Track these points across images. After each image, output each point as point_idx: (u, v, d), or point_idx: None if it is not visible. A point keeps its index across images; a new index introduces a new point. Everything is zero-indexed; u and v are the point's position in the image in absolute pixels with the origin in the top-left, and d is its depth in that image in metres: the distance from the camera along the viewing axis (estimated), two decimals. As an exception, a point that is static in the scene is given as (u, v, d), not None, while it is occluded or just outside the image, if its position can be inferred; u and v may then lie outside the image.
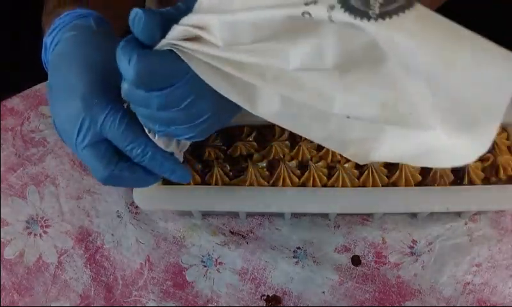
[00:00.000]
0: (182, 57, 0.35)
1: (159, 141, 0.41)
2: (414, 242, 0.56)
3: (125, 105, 0.41)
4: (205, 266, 0.56)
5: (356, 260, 0.55)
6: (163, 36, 0.35)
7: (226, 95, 0.36)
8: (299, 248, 0.56)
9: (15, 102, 0.63)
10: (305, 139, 0.54)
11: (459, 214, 0.56)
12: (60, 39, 0.43)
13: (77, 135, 0.41)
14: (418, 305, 0.54)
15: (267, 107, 0.37)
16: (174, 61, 0.35)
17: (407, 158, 0.36)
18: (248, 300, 0.54)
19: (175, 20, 0.34)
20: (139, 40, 0.35)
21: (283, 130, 0.54)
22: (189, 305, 0.54)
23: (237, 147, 0.54)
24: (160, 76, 0.35)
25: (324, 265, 0.55)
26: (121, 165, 0.42)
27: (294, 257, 0.56)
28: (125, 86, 0.37)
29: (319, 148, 0.54)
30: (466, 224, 0.57)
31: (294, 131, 0.38)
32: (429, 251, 0.56)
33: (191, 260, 0.56)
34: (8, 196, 0.58)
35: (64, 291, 0.55)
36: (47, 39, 0.45)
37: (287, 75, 0.34)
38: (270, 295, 0.54)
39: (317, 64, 0.32)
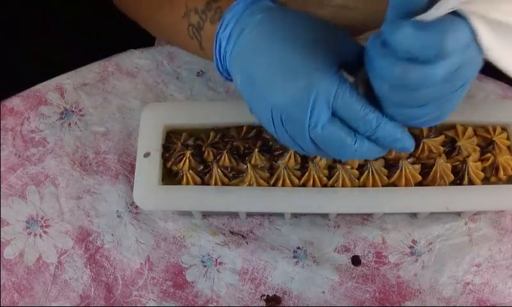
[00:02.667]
0: (468, 19, 0.32)
1: None
2: (414, 242, 0.56)
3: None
4: (205, 266, 0.56)
5: (356, 260, 0.55)
6: None
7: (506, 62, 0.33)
8: (299, 248, 0.56)
9: (15, 102, 0.63)
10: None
11: (459, 214, 0.56)
12: (245, 27, 0.41)
13: (310, 116, 0.38)
14: (418, 305, 0.54)
15: None
16: (461, 23, 0.32)
17: None
18: (248, 300, 0.54)
19: None
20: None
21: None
22: (189, 305, 0.54)
23: (236, 146, 0.54)
24: (455, 44, 0.32)
25: (324, 265, 0.55)
26: (361, 137, 0.39)
27: (294, 257, 0.56)
28: (397, 69, 0.34)
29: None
30: (466, 224, 0.57)
31: None
32: (429, 251, 0.56)
33: (191, 260, 0.56)
34: (8, 196, 0.58)
35: (64, 291, 0.55)
36: (222, 35, 0.43)
37: None
38: (270, 295, 0.54)
39: None
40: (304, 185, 0.52)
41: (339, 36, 0.40)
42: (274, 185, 0.52)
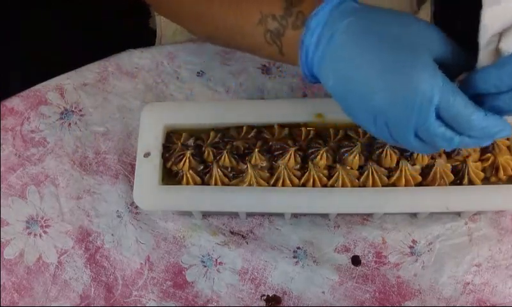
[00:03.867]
0: None
1: None
2: (414, 242, 0.56)
3: None
4: (205, 266, 0.56)
5: (356, 260, 0.55)
6: None
7: None
8: (299, 248, 0.56)
9: (15, 102, 0.63)
10: (305, 138, 0.54)
11: (459, 214, 0.56)
12: (335, 32, 0.41)
13: (417, 118, 0.38)
14: (418, 305, 0.54)
15: None
16: None
17: None
18: (248, 300, 0.54)
19: None
20: None
21: (282, 128, 0.55)
22: (189, 305, 0.54)
23: (236, 146, 0.54)
24: None
25: (324, 265, 0.55)
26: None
27: (294, 257, 0.56)
28: None
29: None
30: (466, 224, 0.57)
31: None
32: (429, 251, 0.56)
33: (191, 260, 0.56)
34: (8, 196, 0.58)
35: (64, 291, 0.55)
36: (308, 42, 0.42)
37: None
38: (270, 295, 0.54)
39: None
40: (304, 185, 0.52)
41: (434, 34, 0.40)
42: (274, 185, 0.52)
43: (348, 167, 0.52)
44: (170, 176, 0.54)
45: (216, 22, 0.50)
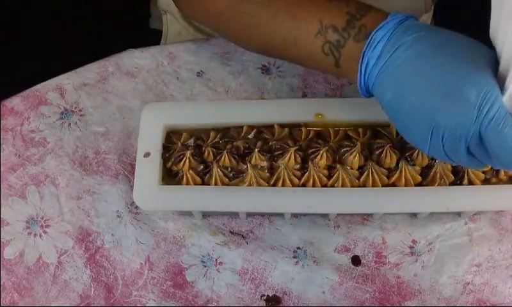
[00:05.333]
0: None
1: None
2: (414, 242, 0.56)
3: None
4: (205, 266, 0.56)
5: (356, 260, 0.55)
6: None
7: None
8: (299, 248, 0.56)
9: (15, 102, 0.63)
10: (305, 138, 0.54)
11: (459, 214, 0.56)
12: (399, 46, 0.42)
13: (473, 133, 0.39)
14: (418, 305, 0.54)
15: None
16: None
17: None
18: (248, 300, 0.54)
19: None
20: None
21: (282, 128, 0.55)
22: (189, 305, 0.54)
23: (236, 146, 0.54)
24: None
25: (324, 265, 0.55)
26: None
27: (294, 257, 0.56)
28: None
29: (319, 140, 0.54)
30: (466, 224, 0.57)
31: None
32: (429, 251, 0.56)
33: (191, 260, 0.56)
34: (7, 196, 0.58)
35: (64, 291, 0.55)
36: (370, 54, 0.43)
37: None
38: (270, 295, 0.54)
39: None
40: (304, 185, 0.52)
41: (490, 51, 0.41)
42: (274, 185, 0.52)
43: (348, 167, 0.52)
44: (170, 176, 0.54)
45: (268, 32, 0.50)
